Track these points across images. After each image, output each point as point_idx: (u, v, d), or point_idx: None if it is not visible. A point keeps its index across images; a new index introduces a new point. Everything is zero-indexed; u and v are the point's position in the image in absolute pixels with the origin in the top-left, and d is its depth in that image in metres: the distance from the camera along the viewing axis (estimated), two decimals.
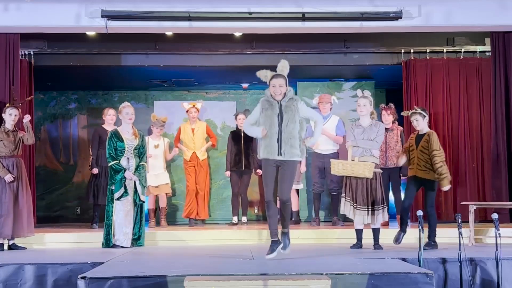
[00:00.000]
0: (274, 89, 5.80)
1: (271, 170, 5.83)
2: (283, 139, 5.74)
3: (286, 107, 5.79)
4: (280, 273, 4.75)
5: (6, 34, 8.33)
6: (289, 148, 5.74)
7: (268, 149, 5.79)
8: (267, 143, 5.79)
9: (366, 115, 6.76)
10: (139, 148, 7.28)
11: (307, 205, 10.02)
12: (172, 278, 4.62)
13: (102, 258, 5.83)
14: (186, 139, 9.30)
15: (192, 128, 9.31)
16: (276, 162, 5.81)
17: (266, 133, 5.76)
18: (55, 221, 10.18)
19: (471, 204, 7.48)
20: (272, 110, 5.79)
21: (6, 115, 7.26)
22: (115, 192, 7.13)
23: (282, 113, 5.77)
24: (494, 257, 5.43)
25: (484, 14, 8.14)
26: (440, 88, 9.19)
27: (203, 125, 9.47)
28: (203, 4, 7.95)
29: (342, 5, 8.00)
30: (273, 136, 5.76)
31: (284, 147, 5.74)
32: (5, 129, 7.21)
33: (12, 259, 5.90)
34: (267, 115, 5.80)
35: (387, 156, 8.39)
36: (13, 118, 7.25)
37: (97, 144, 8.71)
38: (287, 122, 5.74)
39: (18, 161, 7.19)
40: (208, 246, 7.43)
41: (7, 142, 7.13)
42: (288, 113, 5.77)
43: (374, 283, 4.69)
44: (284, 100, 5.80)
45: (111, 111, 8.83)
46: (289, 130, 5.74)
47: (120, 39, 8.93)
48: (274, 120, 5.75)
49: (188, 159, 9.27)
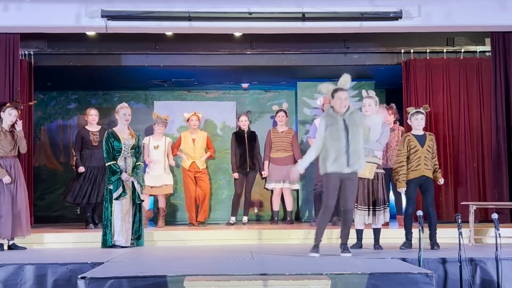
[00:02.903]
0: (340, 102, 5.98)
1: (336, 183, 6.04)
2: (351, 151, 5.94)
3: (350, 119, 5.99)
4: (280, 273, 4.75)
5: (6, 34, 8.33)
6: (356, 159, 5.97)
7: (337, 163, 5.96)
8: (336, 158, 5.95)
9: (372, 115, 6.74)
10: (135, 148, 7.29)
11: (307, 205, 10.02)
12: (172, 278, 4.62)
13: (102, 258, 5.83)
14: (186, 149, 9.28)
15: (193, 138, 9.30)
16: (342, 175, 6.00)
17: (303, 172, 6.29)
18: (55, 221, 10.17)
19: (471, 204, 7.48)
20: (337, 124, 5.98)
21: (5, 114, 7.22)
22: (113, 192, 7.13)
23: (347, 126, 5.97)
24: (494, 257, 5.43)
25: (484, 14, 8.14)
26: (440, 88, 9.18)
27: (204, 135, 9.44)
28: (203, 4, 7.95)
29: (342, 5, 8.00)
30: (341, 150, 5.94)
31: (352, 159, 5.95)
32: (2, 128, 7.20)
33: (12, 259, 5.90)
34: (332, 130, 5.98)
35: (387, 156, 8.40)
36: (12, 119, 7.21)
37: (79, 145, 8.73)
38: (353, 134, 5.96)
39: (15, 162, 7.19)
40: (208, 246, 7.42)
41: (5, 142, 7.12)
42: (353, 125, 5.98)
43: (374, 283, 4.69)
44: (347, 113, 6.00)
45: (92, 111, 8.86)
46: (355, 142, 5.96)
47: (120, 39, 8.93)
48: (341, 134, 5.95)
49: (187, 167, 9.25)
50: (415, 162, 6.74)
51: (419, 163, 6.72)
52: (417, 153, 6.74)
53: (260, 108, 10.98)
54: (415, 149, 6.75)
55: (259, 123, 10.63)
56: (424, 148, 6.72)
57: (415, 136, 6.80)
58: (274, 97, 10.96)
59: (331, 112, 6.06)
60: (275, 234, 7.90)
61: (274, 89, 11.03)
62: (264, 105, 10.96)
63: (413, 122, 6.84)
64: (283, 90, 10.97)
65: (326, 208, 6.12)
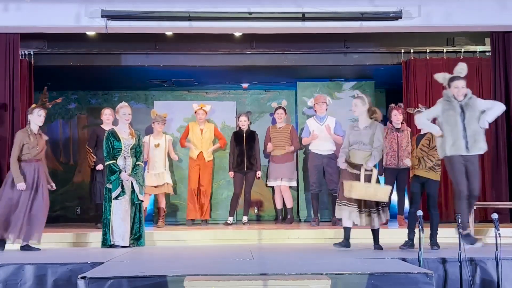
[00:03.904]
0: (457, 91, 6.38)
1: (460, 166, 6.38)
2: (468, 135, 6.31)
3: (466, 105, 6.36)
4: (280, 273, 4.75)
5: (6, 34, 8.34)
6: (473, 142, 6.31)
7: (455, 146, 6.35)
8: (454, 141, 6.34)
9: (361, 115, 6.72)
10: (135, 148, 7.28)
11: (306, 205, 10.02)
12: (172, 278, 4.62)
13: (102, 258, 5.83)
14: (194, 139, 9.30)
15: (201, 128, 9.31)
16: (463, 158, 6.34)
17: (442, 134, 6.39)
18: (55, 221, 10.16)
19: None
20: (454, 110, 6.37)
21: (34, 116, 6.98)
22: (112, 191, 7.13)
23: (464, 112, 6.34)
24: (494, 257, 5.43)
25: (484, 14, 8.15)
26: (440, 88, 9.09)
27: (211, 126, 9.47)
28: (203, 4, 7.95)
29: (342, 5, 8.00)
30: (458, 134, 6.34)
31: (470, 142, 6.31)
32: (31, 131, 6.96)
33: (12, 259, 5.89)
34: (449, 115, 6.38)
35: (399, 157, 8.24)
36: (42, 120, 7.00)
37: (93, 143, 8.73)
38: (469, 119, 6.32)
39: (39, 166, 7.00)
40: (208, 246, 7.42)
41: (33, 146, 6.91)
42: (469, 111, 6.34)
43: (374, 283, 4.69)
44: (464, 100, 6.36)
45: (107, 111, 8.84)
46: (472, 126, 6.32)
47: (120, 39, 8.93)
48: (457, 119, 6.34)
49: (195, 157, 9.26)
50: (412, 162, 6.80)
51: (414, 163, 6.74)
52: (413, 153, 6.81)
53: (260, 108, 10.98)
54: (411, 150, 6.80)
55: (259, 123, 10.63)
56: (418, 147, 6.73)
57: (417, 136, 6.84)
58: (274, 97, 10.95)
59: (450, 98, 6.41)
60: (275, 234, 7.90)
61: (274, 89, 11.03)
62: (264, 105, 10.97)
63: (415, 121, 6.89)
64: (283, 90, 10.98)
65: (459, 194, 6.40)
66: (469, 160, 6.38)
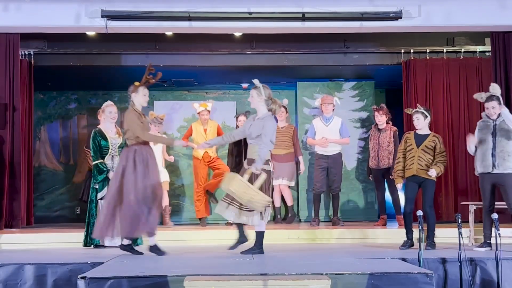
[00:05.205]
0: (488, 111, 6.62)
1: (486, 185, 6.57)
2: (496, 153, 6.49)
3: (499, 125, 6.56)
4: (280, 273, 4.75)
5: (6, 34, 8.34)
6: (502, 161, 6.48)
7: (483, 164, 6.56)
8: (483, 159, 6.56)
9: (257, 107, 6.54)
10: (123, 146, 7.22)
11: (307, 205, 10.02)
12: (172, 278, 4.61)
13: (102, 258, 5.83)
14: (198, 139, 9.25)
15: (205, 128, 9.29)
16: (491, 178, 6.53)
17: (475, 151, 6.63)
18: (55, 221, 10.17)
19: (471, 204, 7.49)
20: (487, 129, 6.62)
21: (139, 95, 6.27)
22: (98, 191, 7.11)
23: (496, 131, 6.55)
24: (494, 257, 5.43)
25: (484, 14, 8.14)
26: (440, 88, 9.19)
27: (215, 124, 9.42)
28: (203, 4, 7.95)
29: (342, 5, 8.00)
30: (487, 152, 6.53)
31: (497, 161, 6.48)
32: (138, 111, 6.27)
33: (12, 259, 5.89)
34: (482, 133, 6.63)
35: (379, 157, 8.49)
36: (147, 99, 6.35)
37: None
38: (500, 138, 6.51)
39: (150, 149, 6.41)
40: (208, 246, 7.42)
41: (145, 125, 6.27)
42: (502, 130, 6.53)
43: (374, 283, 4.69)
44: (498, 119, 6.57)
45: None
46: (502, 145, 6.49)
47: (120, 39, 8.93)
48: (488, 137, 6.56)
49: (200, 157, 9.21)
50: (409, 161, 6.74)
51: (412, 163, 6.70)
52: (411, 152, 6.74)
53: None
54: (410, 148, 6.76)
55: None
56: (420, 148, 6.70)
57: (415, 135, 6.80)
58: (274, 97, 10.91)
59: (485, 118, 6.68)
60: (275, 234, 7.88)
61: (274, 89, 10.95)
62: None
63: (414, 122, 6.86)
64: (283, 90, 10.97)
65: (483, 208, 6.68)
66: (500, 179, 6.51)
